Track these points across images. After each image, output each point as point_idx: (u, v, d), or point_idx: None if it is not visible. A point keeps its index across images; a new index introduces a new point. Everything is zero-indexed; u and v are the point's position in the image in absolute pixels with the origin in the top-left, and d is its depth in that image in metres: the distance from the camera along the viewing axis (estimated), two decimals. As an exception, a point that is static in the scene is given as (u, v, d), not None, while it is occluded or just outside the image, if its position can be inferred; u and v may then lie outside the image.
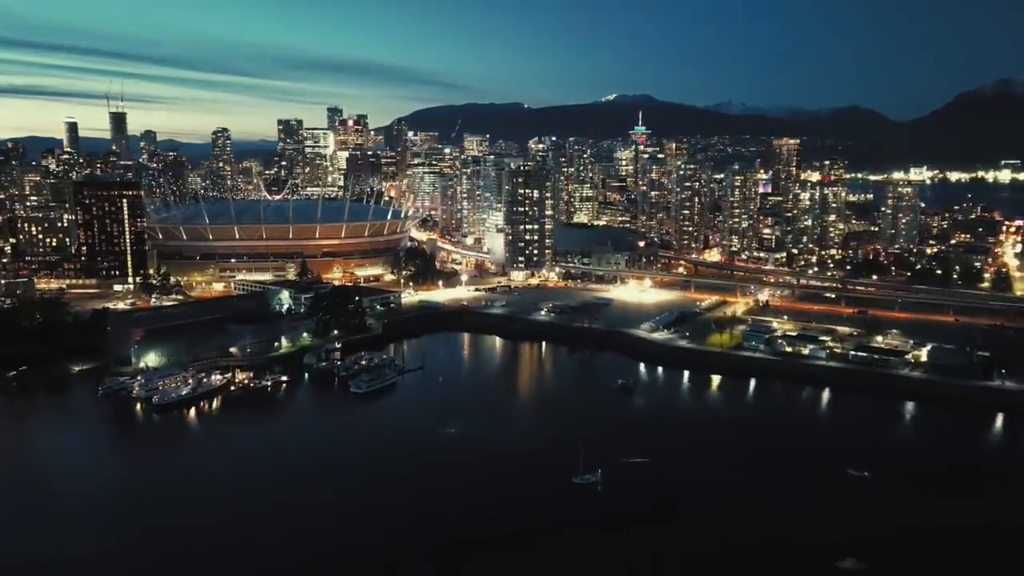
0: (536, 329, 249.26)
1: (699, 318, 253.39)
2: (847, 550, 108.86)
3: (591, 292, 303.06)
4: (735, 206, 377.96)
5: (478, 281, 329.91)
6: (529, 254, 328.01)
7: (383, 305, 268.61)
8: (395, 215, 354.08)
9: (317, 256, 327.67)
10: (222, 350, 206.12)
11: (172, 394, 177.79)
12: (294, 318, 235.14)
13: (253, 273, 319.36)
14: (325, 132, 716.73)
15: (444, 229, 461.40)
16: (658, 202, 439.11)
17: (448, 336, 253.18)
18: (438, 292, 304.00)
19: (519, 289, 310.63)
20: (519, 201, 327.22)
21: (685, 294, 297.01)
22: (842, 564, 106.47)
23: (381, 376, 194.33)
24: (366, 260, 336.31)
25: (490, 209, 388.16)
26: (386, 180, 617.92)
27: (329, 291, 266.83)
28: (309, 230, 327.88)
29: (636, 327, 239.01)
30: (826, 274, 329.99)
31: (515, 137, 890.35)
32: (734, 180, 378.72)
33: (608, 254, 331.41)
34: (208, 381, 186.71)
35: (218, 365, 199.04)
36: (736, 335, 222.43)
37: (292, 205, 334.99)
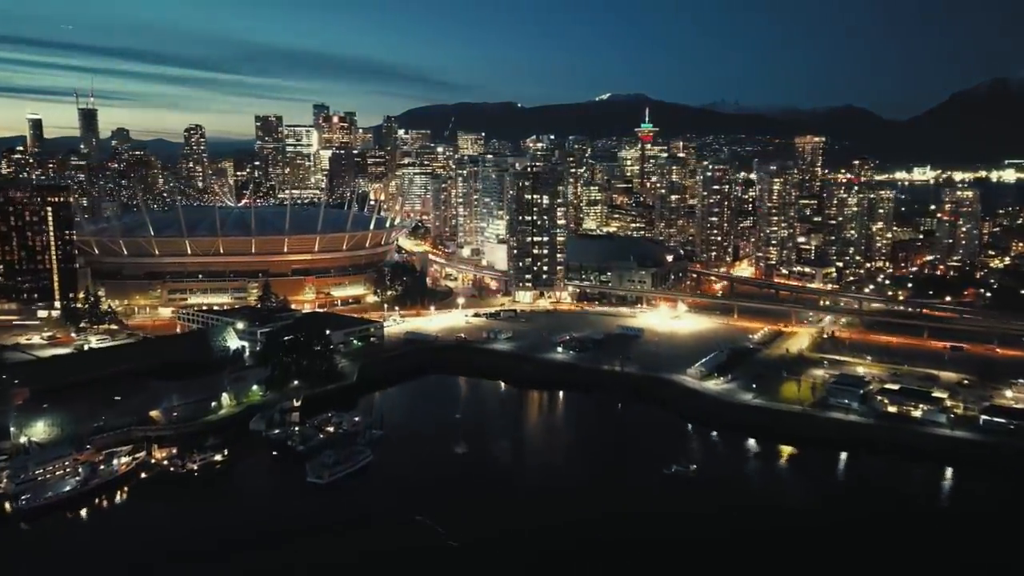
0: (552, 374, 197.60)
1: (755, 356, 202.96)
2: None
3: (613, 318, 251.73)
4: (772, 212, 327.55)
5: (477, 303, 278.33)
6: (537, 271, 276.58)
7: (361, 339, 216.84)
8: (379, 224, 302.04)
9: (286, 274, 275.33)
10: (139, 415, 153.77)
11: (50, 491, 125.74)
12: (241, 365, 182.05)
13: (209, 295, 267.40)
14: (308, 130, 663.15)
15: (437, 238, 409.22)
16: (678, 207, 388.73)
17: (441, 382, 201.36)
18: (430, 318, 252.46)
19: (526, 314, 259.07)
20: (526, 208, 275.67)
21: (727, 321, 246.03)
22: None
23: (351, 455, 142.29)
24: (344, 278, 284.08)
25: (490, 216, 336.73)
26: (374, 182, 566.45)
27: (292, 322, 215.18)
28: (275, 243, 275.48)
29: (679, 370, 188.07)
30: (886, 294, 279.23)
31: (508, 137, 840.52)
32: (771, 181, 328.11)
33: (631, 271, 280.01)
34: (109, 466, 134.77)
35: (130, 438, 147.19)
36: (814, 384, 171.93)
37: (255, 213, 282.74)
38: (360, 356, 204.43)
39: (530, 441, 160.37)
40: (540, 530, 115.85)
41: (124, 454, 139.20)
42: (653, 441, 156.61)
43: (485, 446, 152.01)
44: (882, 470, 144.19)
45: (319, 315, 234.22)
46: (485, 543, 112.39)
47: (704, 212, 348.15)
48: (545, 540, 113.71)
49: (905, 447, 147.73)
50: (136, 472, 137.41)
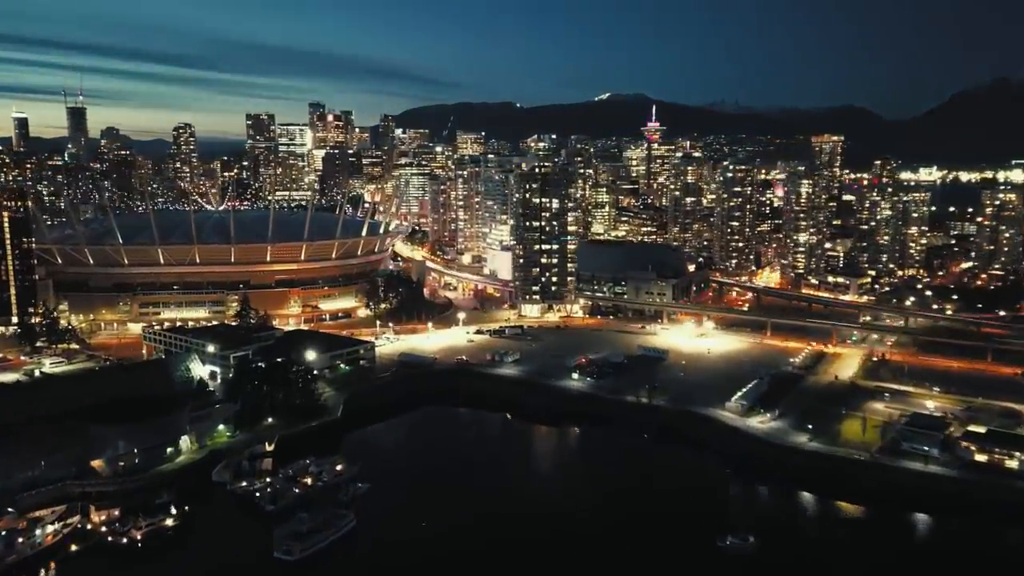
0: (567, 405, 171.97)
1: (800, 384, 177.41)
2: None
3: (632, 336, 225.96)
4: (801, 216, 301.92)
5: (479, 317, 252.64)
6: (546, 282, 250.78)
7: (349, 362, 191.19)
8: (373, 230, 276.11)
9: (270, 285, 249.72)
10: (78, 467, 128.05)
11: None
12: (206, 399, 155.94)
13: (184, 309, 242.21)
14: (302, 128, 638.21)
15: (435, 243, 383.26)
16: (694, 210, 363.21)
17: (439, 416, 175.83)
18: (427, 335, 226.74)
19: (534, 330, 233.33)
20: (533, 212, 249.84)
21: (760, 340, 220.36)
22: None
23: (330, 520, 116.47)
24: (334, 290, 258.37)
25: (493, 221, 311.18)
26: (369, 183, 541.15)
27: (272, 343, 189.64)
28: (257, 251, 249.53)
29: (715, 402, 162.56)
30: (931, 307, 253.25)
31: (508, 137, 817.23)
32: (799, 183, 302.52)
33: (649, 282, 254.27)
34: (31, 537, 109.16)
35: (65, 493, 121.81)
36: (883, 424, 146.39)
37: (235, 218, 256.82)
38: (347, 384, 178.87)
39: (546, 498, 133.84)
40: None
41: (52, 520, 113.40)
42: (693, 496, 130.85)
43: (492, 506, 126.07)
44: (976, 537, 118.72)
45: (302, 334, 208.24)
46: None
47: (724, 216, 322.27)
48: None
49: (1002, 506, 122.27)
50: (65, 544, 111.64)
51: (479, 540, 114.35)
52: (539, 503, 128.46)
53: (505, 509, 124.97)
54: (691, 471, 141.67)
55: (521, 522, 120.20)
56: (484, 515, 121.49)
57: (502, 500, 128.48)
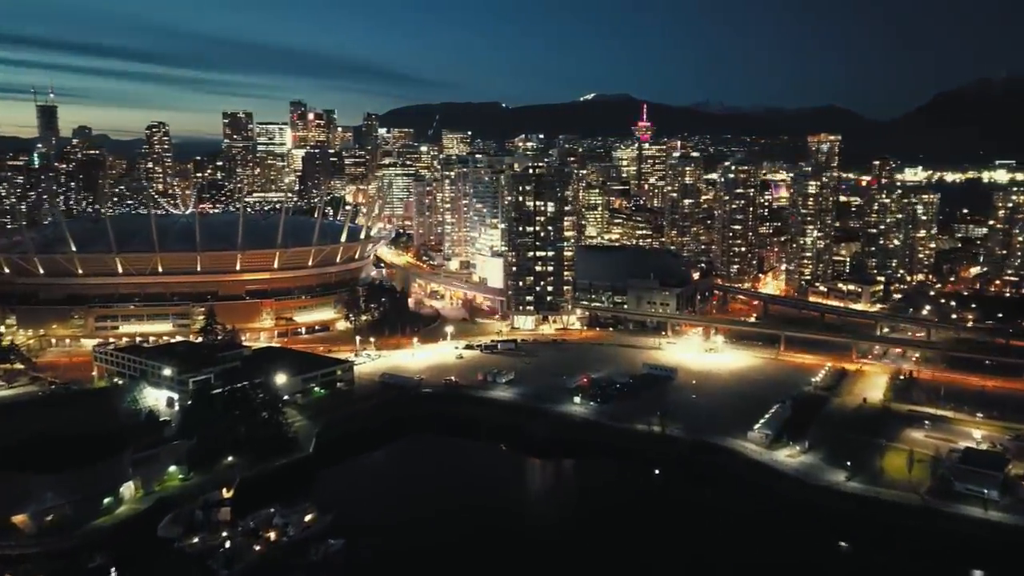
0: (569, 434, 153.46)
1: (826, 408, 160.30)
2: None
3: (635, 351, 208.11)
4: (808, 220, 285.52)
5: (469, 330, 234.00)
6: (541, 292, 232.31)
7: (324, 385, 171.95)
8: (353, 235, 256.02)
9: (240, 297, 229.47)
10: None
11: None
12: (156, 435, 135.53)
13: (145, 323, 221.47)
14: (281, 127, 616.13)
15: (421, 248, 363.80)
16: (692, 213, 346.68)
17: (426, 448, 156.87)
18: (412, 351, 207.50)
19: (528, 345, 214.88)
20: (526, 216, 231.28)
21: (774, 355, 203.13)
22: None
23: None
24: (310, 300, 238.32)
25: (482, 225, 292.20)
26: (353, 183, 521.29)
27: (239, 364, 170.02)
28: (226, 259, 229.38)
29: (735, 430, 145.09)
30: (951, 318, 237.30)
31: (494, 136, 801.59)
32: (807, 185, 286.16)
33: (651, 291, 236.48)
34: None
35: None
36: (932, 460, 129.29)
37: (201, 223, 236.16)
38: (322, 411, 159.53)
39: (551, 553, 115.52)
40: None
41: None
42: (722, 549, 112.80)
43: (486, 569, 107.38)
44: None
45: (273, 353, 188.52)
46: None
47: (726, 219, 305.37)
48: None
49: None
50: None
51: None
52: (542, 562, 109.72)
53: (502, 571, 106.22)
54: (715, 517, 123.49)
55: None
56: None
57: (497, 560, 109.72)
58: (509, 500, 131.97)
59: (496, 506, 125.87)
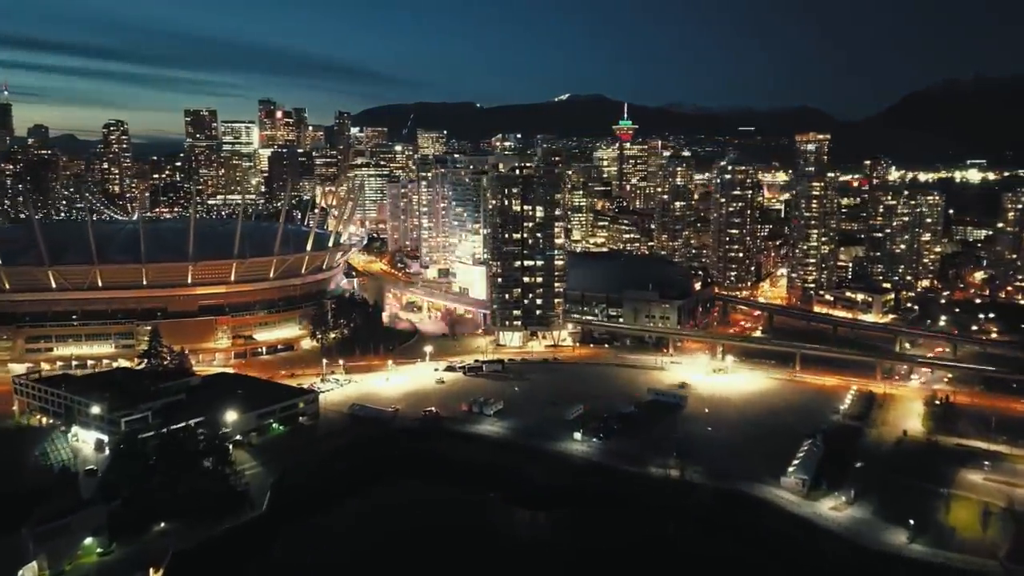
0: (572, 479, 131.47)
1: (861, 442, 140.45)
2: None
3: (636, 372, 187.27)
4: (812, 223, 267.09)
5: (449, 347, 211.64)
6: (530, 305, 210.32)
7: (284, 420, 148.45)
8: (321, 242, 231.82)
9: (193, 313, 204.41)
10: None
11: None
12: (69, 499, 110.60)
13: (84, 344, 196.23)
14: (248, 126, 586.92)
15: (396, 254, 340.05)
16: (684, 216, 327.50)
17: (403, 501, 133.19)
18: (387, 375, 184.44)
19: (516, 365, 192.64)
20: (513, 222, 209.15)
21: (789, 375, 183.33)
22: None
23: None
24: (273, 316, 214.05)
25: (462, 230, 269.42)
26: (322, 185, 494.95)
27: (183, 396, 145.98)
28: (176, 271, 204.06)
29: (763, 473, 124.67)
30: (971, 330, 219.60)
31: (469, 136, 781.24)
32: (811, 187, 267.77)
33: (651, 304, 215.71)
34: None
35: None
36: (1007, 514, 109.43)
37: (150, 230, 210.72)
38: (280, 453, 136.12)
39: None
40: None
41: None
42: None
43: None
44: None
45: (226, 381, 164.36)
46: None
47: (722, 222, 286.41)
48: None
49: None
50: None
51: None
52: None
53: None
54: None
55: None
56: None
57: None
58: (502, 568, 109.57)
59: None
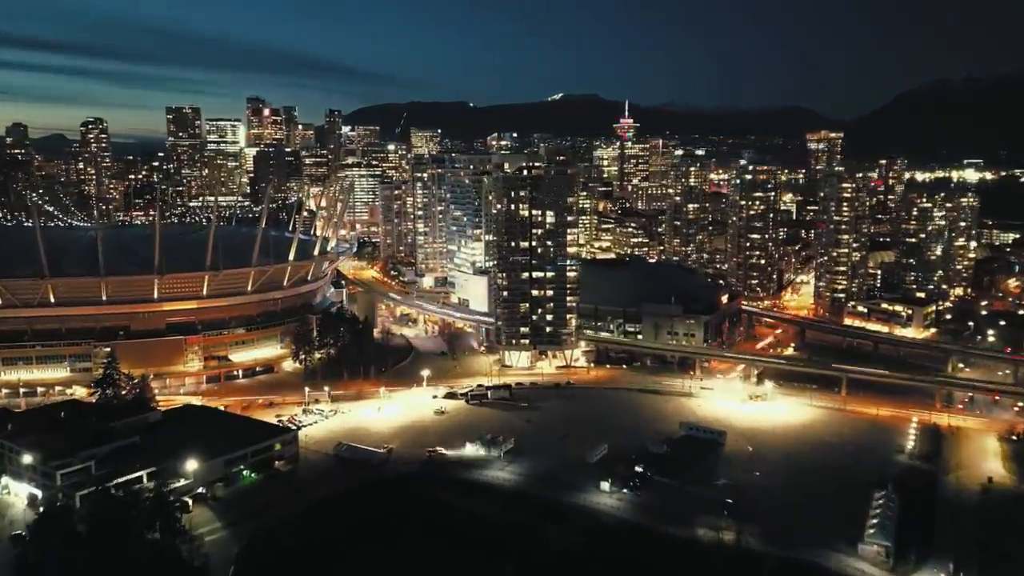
0: (603, 544, 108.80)
1: (942, 494, 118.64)
2: None
3: (662, 400, 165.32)
4: (842, 228, 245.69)
5: (449, 368, 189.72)
6: (539, 322, 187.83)
7: (256, 466, 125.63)
8: (305, 251, 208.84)
9: (160, 332, 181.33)
10: None
11: None
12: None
13: (36, 368, 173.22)
14: (234, 124, 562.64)
15: (389, 261, 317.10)
16: (697, 219, 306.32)
17: (400, 564, 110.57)
18: (378, 402, 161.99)
19: (525, 391, 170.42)
20: (520, 229, 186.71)
21: (835, 403, 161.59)
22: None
23: None
24: (250, 334, 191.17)
25: (462, 236, 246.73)
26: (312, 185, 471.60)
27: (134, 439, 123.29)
28: (140, 285, 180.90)
29: (832, 537, 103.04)
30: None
31: (462, 136, 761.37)
32: (841, 187, 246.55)
33: (674, 318, 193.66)
34: None
35: None
36: None
37: (111, 238, 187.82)
38: (250, 509, 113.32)
39: None
40: None
41: None
42: None
43: None
44: None
45: (190, 417, 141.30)
46: None
47: (742, 226, 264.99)
48: None
49: None
50: None
51: None
52: None
53: None
54: None
55: None
56: None
57: None
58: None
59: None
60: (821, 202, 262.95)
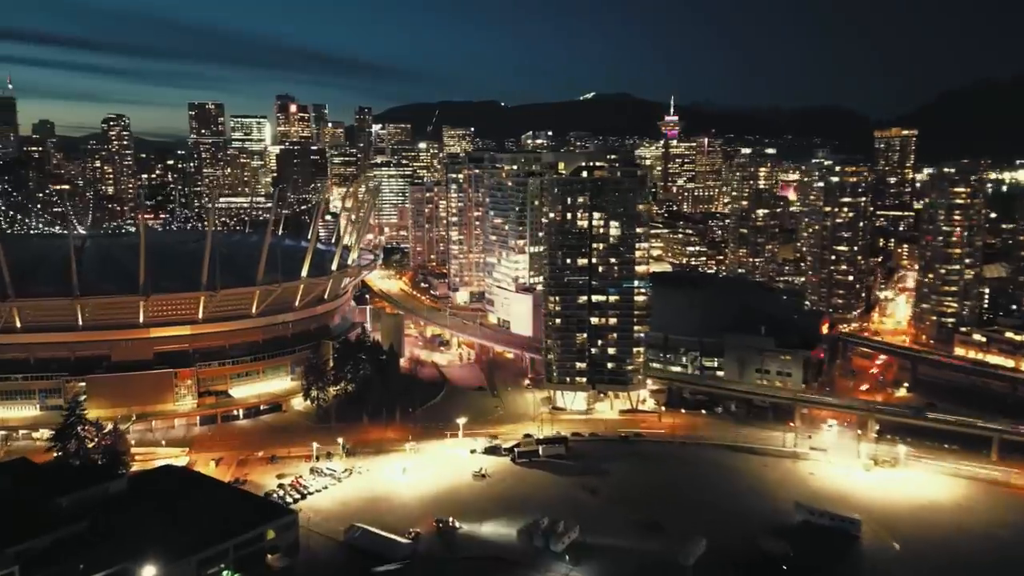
0: None
1: None
2: None
3: (758, 456, 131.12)
4: (953, 241, 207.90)
5: (488, 408, 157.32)
6: (599, 356, 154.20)
7: (243, 563, 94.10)
8: (321, 264, 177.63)
9: (146, 363, 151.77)
10: None
11: None
12: None
13: (2, 404, 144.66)
14: (259, 121, 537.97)
15: (418, 271, 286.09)
16: (767, 226, 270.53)
17: None
18: (403, 459, 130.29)
19: (584, 445, 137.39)
20: (578, 242, 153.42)
21: (982, 467, 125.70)
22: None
23: None
24: (256, 364, 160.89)
25: (503, 248, 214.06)
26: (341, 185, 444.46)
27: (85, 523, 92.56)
28: (123, 307, 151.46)
29: None
30: None
31: (493, 135, 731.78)
32: (952, 190, 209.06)
33: (765, 354, 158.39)
34: None
35: None
36: None
37: (91, 250, 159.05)
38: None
39: None
40: None
41: None
42: None
43: None
44: None
45: (165, 487, 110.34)
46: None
47: (826, 236, 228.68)
48: None
49: None
50: None
51: None
52: None
53: None
54: None
55: None
56: None
57: None
58: None
59: None
60: (925, 209, 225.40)
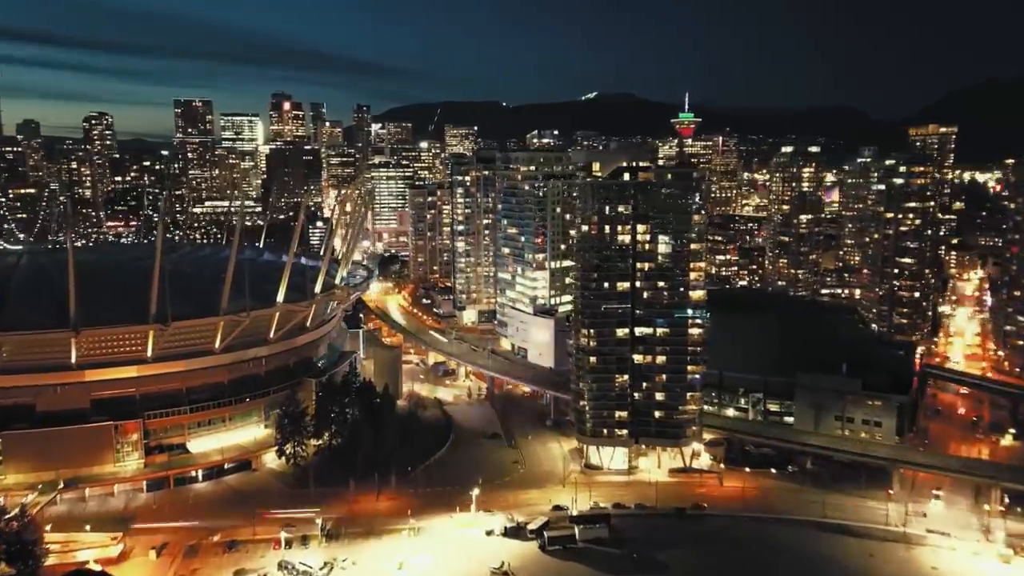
0: None
1: None
2: None
3: (854, 538, 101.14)
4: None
5: (507, 466, 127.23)
6: (646, 402, 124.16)
7: None
8: (298, 288, 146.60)
9: (82, 413, 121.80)
10: None
11: None
12: None
13: None
14: (251, 119, 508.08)
15: (419, 285, 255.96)
16: (811, 234, 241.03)
17: None
18: (398, 548, 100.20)
19: (629, 524, 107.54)
20: (618, 263, 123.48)
21: None
22: None
23: None
24: (220, 410, 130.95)
25: (518, 262, 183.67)
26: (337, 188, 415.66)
27: None
28: (50, 344, 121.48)
29: None
30: None
31: (495, 136, 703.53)
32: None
33: (847, 398, 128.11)
34: None
35: None
36: None
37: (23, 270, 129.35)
38: None
39: None
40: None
41: None
42: None
43: None
44: None
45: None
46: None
47: (888, 245, 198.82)
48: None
49: None
50: None
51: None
52: None
53: None
54: None
55: None
56: None
57: None
58: None
59: None
60: (1009, 215, 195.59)
